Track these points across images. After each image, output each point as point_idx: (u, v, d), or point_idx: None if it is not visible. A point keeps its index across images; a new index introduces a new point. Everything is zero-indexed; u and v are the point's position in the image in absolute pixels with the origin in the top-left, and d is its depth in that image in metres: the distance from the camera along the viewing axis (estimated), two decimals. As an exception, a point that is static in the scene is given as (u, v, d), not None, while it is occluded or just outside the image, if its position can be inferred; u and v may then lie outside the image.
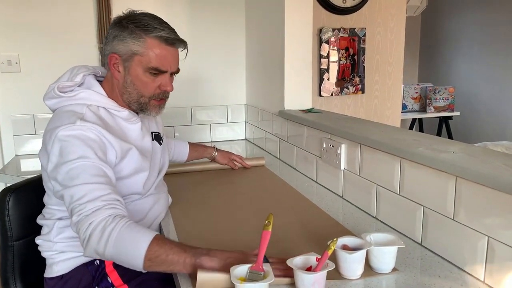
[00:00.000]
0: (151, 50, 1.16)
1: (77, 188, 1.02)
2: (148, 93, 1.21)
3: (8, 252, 1.29)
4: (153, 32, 1.16)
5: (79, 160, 1.05)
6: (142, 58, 1.17)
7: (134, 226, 0.99)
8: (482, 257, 0.98)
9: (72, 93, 1.18)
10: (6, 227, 1.28)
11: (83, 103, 1.18)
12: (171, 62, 1.21)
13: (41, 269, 1.30)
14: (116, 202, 1.03)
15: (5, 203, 1.28)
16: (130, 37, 1.16)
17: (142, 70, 1.18)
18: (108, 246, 0.96)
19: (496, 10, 4.17)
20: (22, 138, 2.35)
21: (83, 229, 0.98)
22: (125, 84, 1.20)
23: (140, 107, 1.24)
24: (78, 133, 1.09)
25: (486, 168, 0.99)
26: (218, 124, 2.70)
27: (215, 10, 2.58)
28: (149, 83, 1.20)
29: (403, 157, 1.23)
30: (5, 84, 2.31)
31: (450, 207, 1.07)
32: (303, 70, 2.10)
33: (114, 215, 1.00)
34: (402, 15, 2.80)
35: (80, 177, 1.03)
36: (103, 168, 1.08)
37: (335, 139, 1.60)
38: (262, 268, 0.93)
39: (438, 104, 4.03)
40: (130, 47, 1.16)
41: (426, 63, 5.02)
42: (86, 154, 1.07)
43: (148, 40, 1.16)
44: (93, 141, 1.10)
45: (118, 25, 1.18)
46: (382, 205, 1.34)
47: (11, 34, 2.28)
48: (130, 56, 1.17)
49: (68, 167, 1.05)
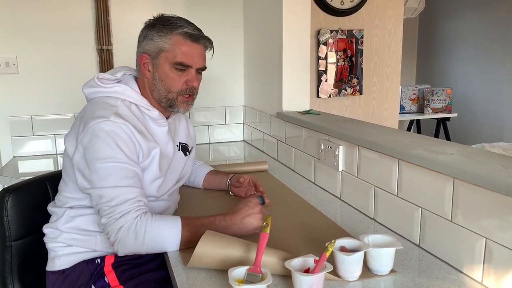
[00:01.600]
0: (176, 46, 1.23)
1: (106, 190, 1.09)
2: (175, 88, 1.26)
3: (6, 252, 1.30)
4: (178, 29, 1.22)
5: (109, 160, 1.10)
6: (168, 54, 1.23)
7: (159, 218, 1.11)
8: (479, 259, 0.98)
9: (110, 85, 1.24)
10: (5, 227, 1.29)
11: (117, 96, 1.22)
12: (196, 57, 1.26)
13: (40, 269, 1.30)
14: (141, 203, 1.11)
15: (3, 203, 1.28)
16: (157, 35, 1.23)
17: (169, 66, 1.24)
18: (145, 244, 1.08)
19: (493, 12, 4.19)
20: (19, 139, 2.35)
21: (113, 232, 1.08)
22: (154, 81, 1.26)
23: (169, 103, 1.28)
24: (110, 129, 1.12)
25: (483, 170, 0.99)
26: (216, 125, 2.70)
27: (213, 11, 2.58)
28: (176, 79, 1.25)
29: (401, 159, 1.23)
30: (2, 85, 2.30)
31: (448, 208, 1.07)
32: (301, 71, 2.11)
33: (140, 216, 1.09)
34: (400, 17, 2.80)
35: (110, 179, 1.09)
36: (131, 168, 1.13)
37: (333, 141, 1.60)
38: (260, 270, 0.93)
39: (435, 105, 4.04)
40: (157, 44, 1.23)
41: (423, 64, 5.03)
42: (116, 155, 1.11)
43: (174, 37, 1.23)
44: (124, 140, 1.14)
45: (148, 26, 1.26)
46: (380, 206, 1.34)
47: (9, 36, 2.27)
48: (157, 54, 1.24)
49: (97, 166, 1.10)
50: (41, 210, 1.34)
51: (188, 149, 1.45)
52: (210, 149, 2.56)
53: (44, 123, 2.38)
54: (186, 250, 1.12)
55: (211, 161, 2.28)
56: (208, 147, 2.59)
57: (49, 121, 2.39)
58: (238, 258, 1.02)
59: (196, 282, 1.00)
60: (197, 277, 1.02)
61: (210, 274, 1.03)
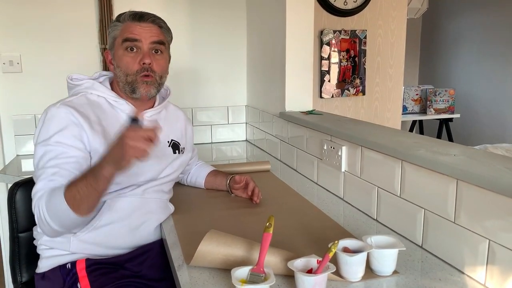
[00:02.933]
0: (123, 29, 1.28)
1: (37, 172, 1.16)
2: (131, 70, 1.27)
3: (15, 243, 1.39)
4: (125, 16, 1.29)
5: (44, 143, 1.17)
6: (119, 38, 1.28)
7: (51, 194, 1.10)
8: (483, 260, 0.98)
9: (80, 81, 1.31)
10: (13, 219, 1.38)
11: (85, 91, 1.29)
12: (144, 33, 1.27)
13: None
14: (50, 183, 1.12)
15: (13, 196, 1.38)
16: (111, 29, 1.31)
17: (122, 50, 1.28)
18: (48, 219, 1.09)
19: (496, 13, 4.18)
20: (23, 138, 2.35)
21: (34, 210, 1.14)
22: (116, 71, 1.31)
23: (130, 87, 1.29)
24: (51, 114, 1.20)
25: (487, 171, 0.99)
26: (218, 125, 2.71)
27: (216, 11, 2.58)
28: (129, 61, 1.27)
29: (404, 160, 1.23)
30: (6, 84, 2.31)
31: (451, 210, 1.07)
32: (304, 71, 2.11)
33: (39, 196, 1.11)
34: (403, 17, 2.80)
35: (40, 162, 1.16)
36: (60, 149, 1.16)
37: (335, 141, 1.60)
38: (263, 270, 0.93)
39: (438, 106, 4.03)
40: (111, 35, 1.30)
41: (426, 65, 5.02)
42: (50, 137, 1.16)
43: (123, 24, 1.29)
44: (61, 124, 1.18)
45: None
46: (383, 207, 1.34)
47: (13, 35, 2.28)
48: (112, 44, 1.30)
49: (36, 149, 1.18)
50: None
51: (179, 149, 1.43)
52: (212, 149, 2.56)
53: (47, 122, 2.38)
54: (189, 249, 1.12)
55: (214, 161, 2.28)
56: (210, 147, 2.59)
57: (52, 120, 2.39)
58: (241, 257, 1.02)
59: (199, 282, 1.00)
60: (199, 276, 1.02)
61: (213, 274, 1.03)
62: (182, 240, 1.23)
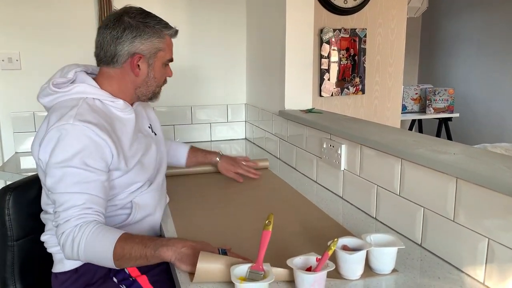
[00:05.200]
0: (168, 45, 1.30)
1: (58, 195, 1.10)
2: (161, 82, 1.35)
3: (8, 252, 1.27)
4: (167, 30, 1.29)
5: (63, 164, 1.09)
6: (164, 53, 1.29)
7: (98, 232, 1.07)
8: (482, 259, 0.98)
9: (67, 87, 1.21)
10: (7, 226, 1.26)
11: (79, 96, 1.20)
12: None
13: (43, 268, 1.29)
14: (88, 210, 1.09)
15: (5, 202, 1.26)
16: (155, 36, 1.25)
17: (161, 64, 1.30)
18: (81, 255, 1.07)
19: (495, 12, 4.18)
20: (22, 135, 2.35)
21: (58, 237, 1.09)
22: (147, 79, 1.29)
23: (152, 95, 1.35)
24: (67, 134, 1.11)
25: (486, 170, 0.99)
26: (218, 123, 2.70)
27: (216, 9, 2.58)
28: (163, 74, 1.33)
29: (404, 158, 1.23)
30: (5, 81, 2.30)
31: (450, 208, 1.07)
32: (304, 70, 2.10)
33: (80, 225, 1.07)
34: (403, 16, 2.80)
35: (61, 185, 1.09)
36: (85, 173, 1.11)
37: (335, 140, 1.60)
38: (262, 268, 0.93)
39: (437, 105, 4.04)
40: (156, 45, 1.26)
41: (426, 64, 5.02)
42: (70, 158, 1.09)
43: (167, 37, 1.29)
44: (81, 143, 1.11)
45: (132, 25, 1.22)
46: (382, 205, 1.34)
47: (12, 32, 2.27)
48: (154, 53, 1.27)
49: (53, 171, 1.10)
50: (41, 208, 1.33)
51: (153, 130, 1.44)
52: (211, 147, 2.55)
53: (46, 119, 2.38)
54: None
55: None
56: (209, 145, 2.59)
57: (51, 117, 2.38)
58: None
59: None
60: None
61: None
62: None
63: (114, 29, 1.22)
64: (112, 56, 1.24)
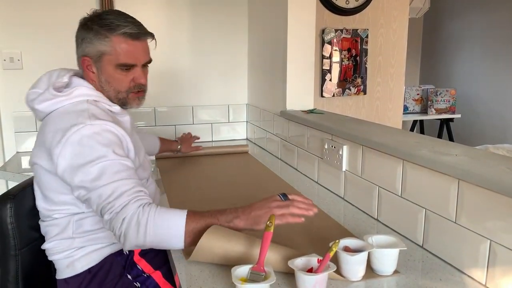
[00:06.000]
0: (117, 47, 1.19)
1: (103, 188, 1.05)
2: (123, 88, 1.24)
3: (11, 262, 1.22)
4: (117, 30, 1.18)
5: (98, 161, 1.07)
6: (110, 56, 1.20)
7: (164, 210, 1.05)
8: (484, 261, 0.98)
9: (68, 91, 1.18)
10: (10, 235, 1.21)
11: (82, 99, 1.18)
12: (139, 55, 1.23)
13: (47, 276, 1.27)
14: (140, 193, 1.07)
15: (7, 210, 1.21)
16: (96, 38, 1.19)
17: (113, 68, 1.21)
18: (148, 236, 1.01)
19: (498, 13, 4.17)
20: (23, 135, 2.35)
21: (117, 226, 1.03)
22: (101, 83, 1.24)
23: (120, 102, 1.27)
24: (90, 133, 1.09)
25: (489, 172, 0.98)
26: (219, 123, 2.70)
27: (218, 9, 2.58)
28: (122, 79, 1.23)
29: (405, 159, 1.22)
30: (7, 81, 2.31)
31: (452, 210, 1.06)
32: (305, 70, 2.10)
33: (142, 206, 1.04)
34: (405, 17, 2.80)
35: (103, 178, 1.06)
36: (123, 162, 1.10)
37: (337, 140, 1.60)
38: (263, 269, 0.93)
39: (439, 106, 4.03)
40: (98, 47, 1.19)
41: (427, 65, 5.02)
42: (103, 154, 1.08)
43: (113, 39, 1.19)
44: (107, 138, 1.11)
45: (84, 27, 1.22)
46: (384, 207, 1.34)
47: (14, 31, 2.28)
48: (99, 57, 1.20)
49: (88, 170, 1.07)
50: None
51: None
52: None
53: (48, 119, 2.38)
54: (188, 251, 1.10)
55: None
56: (210, 145, 2.58)
57: (52, 117, 2.39)
58: (241, 253, 1.02)
59: (199, 280, 1.00)
60: (200, 275, 1.02)
61: (213, 272, 1.03)
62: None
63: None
64: (76, 60, 1.26)
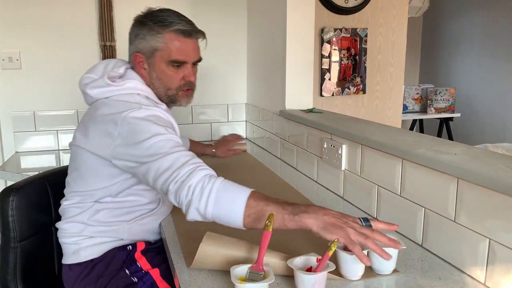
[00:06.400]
0: (170, 44, 1.23)
1: (162, 160, 1.04)
2: (174, 85, 1.28)
3: (11, 253, 1.26)
4: (170, 26, 1.22)
5: (154, 137, 1.08)
6: (163, 52, 1.23)
7: (230, 184, 1.01)
8: (483, 260, 0.98)
9: (120, 82, 1.22)
10: (10, 227, 1.26)
11: (132, 92, 1.22)
12: (191, 52, 1.27)
13: (45, 269, 1.29)
14: (202, 164, 1.05)
15: (9, 203, 1.25)
16: (149, 34, 1.22)
17: (165, 64, 1.24)
18: (209, 205, 0.97)
19: (497, 12, 4.17)
20: (22, 135, 2.35)
21: (184, 194, 0.99)
22: (152, 80, 1.27)
23: (169, 99, 1.30)
24: (146, 115, 1.13)
25: (488, 170, 0.98)
26: (218, 123, 2.70)
27: (217, 8, 2.57)
28: (173, 76, 1.26)
29: (405, 158, 1.22)
30: (5, 80, 2.30)
31: (452, 209, 1.06)
32: (305, 70, 2.10)
33: (209, 175, 1.02)
34: (404, 16, 2.79)
35: (161, 151, 1.06)
36: (177, 140, 1.12)
37: (336, 139, 1.60)
38: (262, 268, 0.92)
39: (438, 105, 4.03)
40: (151, 43, 1.22)
41: (427, 64, 5.02)
42: (159, 131, 1.10)
43: (166, 35, 1.22)
44: (161, 120, 1.15)
45: (138, 23, 1.25)
46: (383, 206, 1.34)
47: (12, 31, 2.27)
48: (152, 53, 1.24)
49: (145, 146, 1.07)
50: (45, 208, 1.33)
51: None
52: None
53: (47, 118, 2.38)
54: (188, 251, 1.11)
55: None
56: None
57: (51, 116, 2.38)
58: (241, 258, 1.01)
59: (198, 280, 1.00)
60: (199, 274, 1.02)
61: (212, 272, 1.03)
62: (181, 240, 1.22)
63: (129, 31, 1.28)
64: (129, 56, 1.29)
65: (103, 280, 1.22)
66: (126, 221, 1.26)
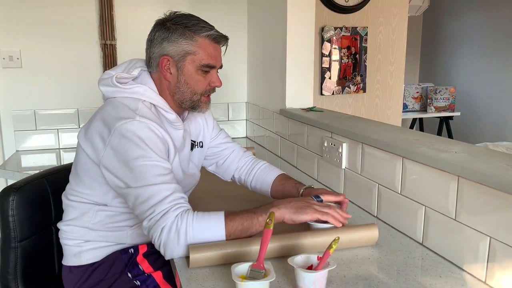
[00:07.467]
0: (202, 49, 1.23)
1: (142, 189, 1.07)
2: (200, 90, 1.27)
3: (11, 253, 1.26)
4: (202, 32, 1.22)
5: (141, 160, 1.08)
6: (194, 57, 1.22)
7: (201, 215, 1.06)
8: (483, 258, 0.98)
9: (128, 85, 1.21)
10: (11, 227, 1.25)
11: (137, 97, 1.21)
12: (218, 58, 1.28)
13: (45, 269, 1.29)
14: (180, 200, 1.08)
15: (9, 203, 1.24)
16: (182, 38, 1.21)
17: (194, 69, 1.24)
18: (190, 242, 1.04)
19: (497, 11, 4.17)
20: (22, 133, 2.35)
21: (157, 235, 1.04)
22: (179, 84, 1.25)
23: (192, 104, 1.28)
24: (137, 128, 1.11)
25: (488, 168, 0.98)
26: (219, 122, 2.66)
27: (217, 7, 2.58)
28: (201, 81, 1.26)
29: (405, 156, 1.22)
30: (6, 79, 2.30)
31: (452, 207, 1.06)
32: (305, 68, 2.10)
33: (181, 214, 1.05)
34: (404, 15, 2.80)
35: (144, 178, 1.07)
36: (164, 165, 1.11)
37: (336, 138, 1.60)
38: (263, 266, 0.93)
39: (438, 104, 4.03)
40: (183, 47, 1.21)
41: (427, 63, 5.02)
42: (146, 154, 1.09)
43: (199, 40, 1.22)
44: (152, 139, 1.12)
45: (164, 27, 1.23)
46: (383, 204, 1.34)
47: (13, 30, 2.27)
48: (183, 56, 1.22)
49: (130, 166, 1.08)
50: (46, 207, 1.33)
51: (195, 144, 1.42)
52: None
53: (47, 117, 2.38)
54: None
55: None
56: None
57: (52, 115, 2.39)
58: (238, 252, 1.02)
59: (199, 278, 1.00)
60: (199, 272, 1.02)
61: (213, 270, 1.03)
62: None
63: (150, 34, 1.25)
64: (148, 59, 1.26)
65: (104, 283, 1.22)
66: (128, 226, 1.25)
